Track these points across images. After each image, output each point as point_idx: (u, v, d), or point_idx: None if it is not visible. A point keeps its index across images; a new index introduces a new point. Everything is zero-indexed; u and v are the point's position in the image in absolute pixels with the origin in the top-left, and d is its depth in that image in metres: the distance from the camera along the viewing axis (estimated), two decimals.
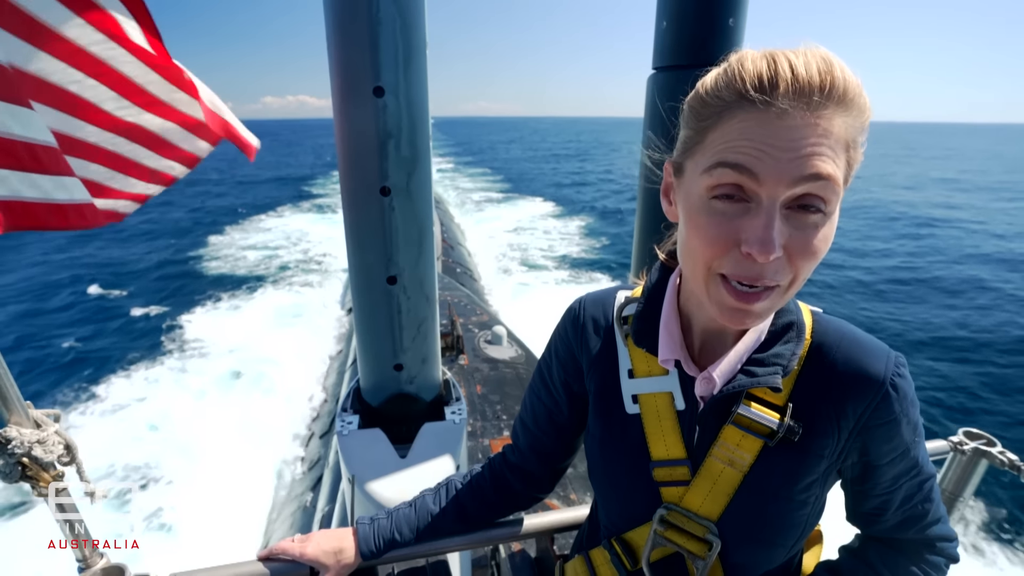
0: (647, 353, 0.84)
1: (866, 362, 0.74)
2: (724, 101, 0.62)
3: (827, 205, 0.61)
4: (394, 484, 1.61)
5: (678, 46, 1.70)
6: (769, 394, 0.77)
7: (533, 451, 1.06)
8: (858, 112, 0.61)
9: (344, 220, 1.63)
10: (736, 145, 0.60)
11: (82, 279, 17.95)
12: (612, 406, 0.88)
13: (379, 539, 1.06)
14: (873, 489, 0.81)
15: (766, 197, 0.60)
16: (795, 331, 0.77)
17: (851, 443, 0.77)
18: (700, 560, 0.80)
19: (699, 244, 0.66)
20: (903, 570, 0.86)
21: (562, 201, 35.33)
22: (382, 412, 1.84)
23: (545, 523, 1.21)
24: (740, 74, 0.61)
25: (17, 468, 0.86)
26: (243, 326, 13.69)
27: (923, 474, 0.80)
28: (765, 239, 0.59)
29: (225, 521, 6.87)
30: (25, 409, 0.88)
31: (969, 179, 50.44)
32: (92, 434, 8.96)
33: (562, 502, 4.14)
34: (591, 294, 0.96)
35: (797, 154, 0.58)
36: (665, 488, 0.83)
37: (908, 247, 22.41)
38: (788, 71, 0.58)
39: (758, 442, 0.76)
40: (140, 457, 8.23)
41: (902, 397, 0.74)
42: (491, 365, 6.70)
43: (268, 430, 8.69)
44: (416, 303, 1.73)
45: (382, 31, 1.41)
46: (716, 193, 0.63)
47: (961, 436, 1.55)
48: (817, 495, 0.79)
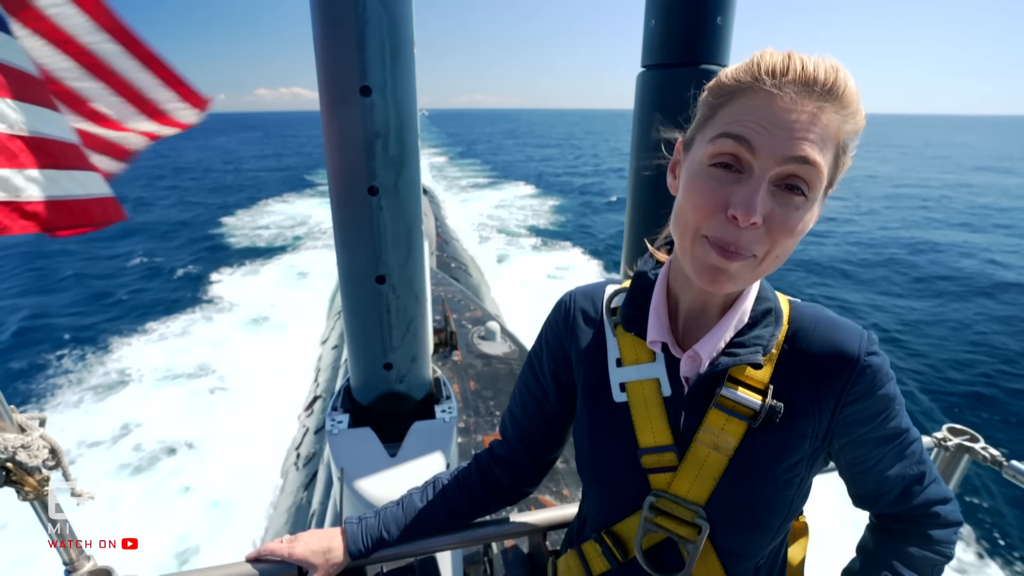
0: (635, 340, 0.88)
1: (840, 342, 0.79)
2: (740, 83, 0.69)
3: (810, 190, 0.68)
4: (384, 483, 1.62)
5: (666, 45, 1.70)
6: (751, 378, 0.80)
7: (521, 442, 1.08)
8: (853, 115, 0.68)
9: (332, 220, 1.63)
10: (742, 119, 0.68)
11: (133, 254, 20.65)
12: (600, 395, 0.91)
13: (367, 538, 1.07)
14: (865, 465, 0.85)
15: (758, 168, 0.67)
16: (773, 316, 0.82)
17: (834, 422, 0.80)
18: (690, 544, 0.83)
19: (691, 207, 0.72)
20: (919, 562, 0.88)
21: (540, 184, 39.58)
22: (372, 411, 1.85)
23: (536, 520, 1.22)
24: (758, 62, 0.68)
25: (1, 473, 0.87)
26: (263, 284, 16.81)
27: (909, 439, 0.84)
28: (749, 203, 0.66)
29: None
30: (9, 414, 0.88)
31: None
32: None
33: (555, 497, 4.16)
34: (581, 287, 0.99)
35: (791, 135, 0.65)
36: (653, 475, 0.85)
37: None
38: (799, 65, 0.66)
39: (742, 425, 0.79)
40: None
41: (877, 371, 0.78)
42: (484, 361, 6.71)
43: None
44: (405, 302, 1.73)
45: (368, 30, 1.41)
46: (715, 161, 0.70)
47: (945, 432, 1.57)
48: (803, 477, 0.82)
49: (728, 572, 0.85)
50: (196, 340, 12.46)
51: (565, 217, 27.62)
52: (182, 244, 22.59)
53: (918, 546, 0.89)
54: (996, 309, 14.35)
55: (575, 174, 46.95)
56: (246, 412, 9.27)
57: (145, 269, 18.91)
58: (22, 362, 11.53)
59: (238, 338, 12.43)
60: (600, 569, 0.95)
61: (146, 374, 10.83)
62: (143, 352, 11.86)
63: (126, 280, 17.60)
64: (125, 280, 17.59)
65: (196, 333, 12.93)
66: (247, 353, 11.48)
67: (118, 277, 17.93)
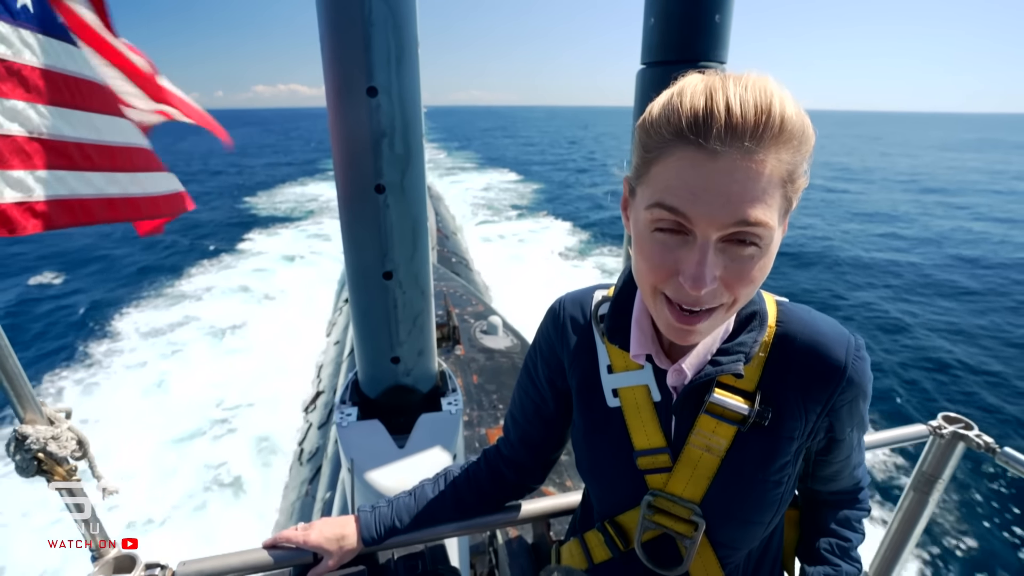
0: (622, 349, 0.88)
1: (828, 349, 0.79)
2: (664, 137, 0.64)
3: (762, 241, 0.64)
4: (393, 473, 1.66)
5: (666, 43, 1.73)
6: (740, 382, 0.82)
7: (523, 444, 1.10)
8: (798, 145, 0.62)
9: (340, 218, 1.66)
10: (672, 187, 0.63)
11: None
12: (594, 401, 0.93)
13: (380, 526, 1.10)
14: (836, 456, 0.90)
15: (700, 236, 0.63)
16: (758, 320, 0.82)
17: (819, 423, 0.83)
18: (688, 539, 0.86)
19: (644, 268, 0.70)
20: (855, 522, 1.02)
21: (524, 172, 45.91)
22: (380, 404, 1.88)
23: (540, 508, 1.25)
24: (678, 110, 0.62)
25: (33, 463, 0.90)
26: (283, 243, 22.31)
27: (863, 428, 0.90)
28: (697, 275, 0.63)
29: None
30: (39, 406, 0.92)
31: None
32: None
33: (557, 488, 4.21)
34: (571, 293, 0.99)
35: (728, 200, 0.60)
36: (649, 475, 0.88)
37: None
38: (723, 111, 0.59)
39: (732, 428, 0.81)
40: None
41: (862, 377, 0.80)
42: (487, 355, 6.74)
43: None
44: (412, 297, 1.76)
45: (374, 32, 1.44)
46: (657, 227, 0.66)
47: (940, 420, 1.60)
48: (790, 474, 0.85)
49: (723, 563, 0.89)
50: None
51: (544, 196, 33.49)
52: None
53: (849, 508, 1.01)
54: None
55: (555, 165, 52.84)
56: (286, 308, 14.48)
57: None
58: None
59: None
60: (601, 557, 0.98)
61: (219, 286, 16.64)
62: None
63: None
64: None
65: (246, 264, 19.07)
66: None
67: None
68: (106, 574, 0.98)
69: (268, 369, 11.02)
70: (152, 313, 14.76)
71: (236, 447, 8.72)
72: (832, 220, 25.64)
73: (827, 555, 0.99)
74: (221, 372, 11.20)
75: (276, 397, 9.77)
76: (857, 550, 1.01)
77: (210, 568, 1.05)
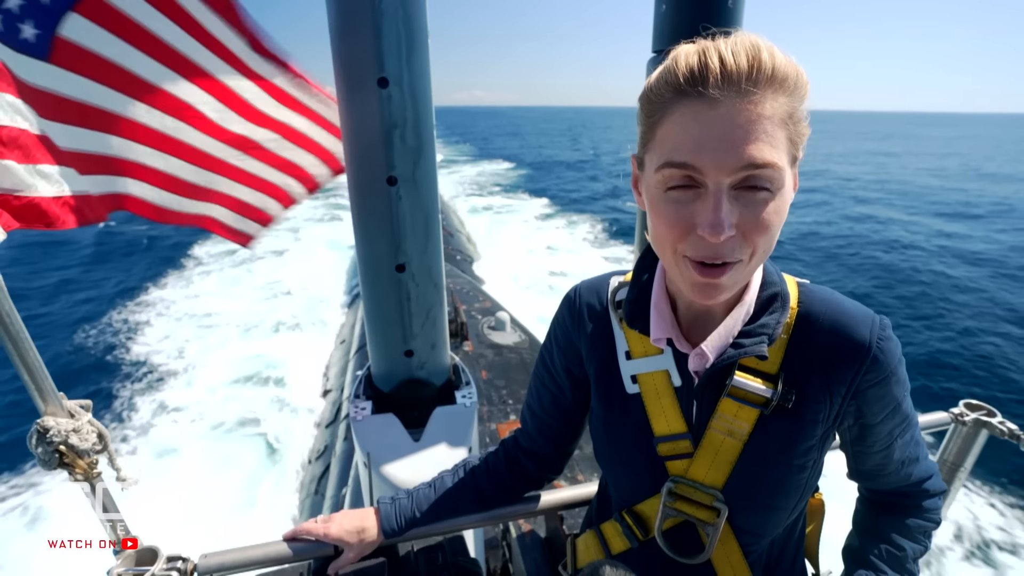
0: (641, 334, 0.87)
1: (852, 328, 0.78)
2: (664, 97, 0.66)
3: (773, 183, 0.65)
4: (409, 466, 1.65)
5: (678, 29, 1.70)
6: (762, 365, 0.81)
7: (541, 434, 1.10)
8: (791, 87, 0.64)
9: (352, 210, 1.65)
10: (678, 143, 0.65)
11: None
12: (613, 387, 0.92)
13: (400, 518, 1.10)
14: (872, 447, 0.86)
15: (712, 184, 0.64)
16: (780, 302, 0.81)
17: (845, 407, 0.81)
18: (710, 526, 0.85)
19: (662, 230, 0.70)
20: (915, 531, 0.94)
21: (516, 164, 50.68)
22: (394, 397, 1.88)
23: (558, 499, 1.24)
24: (675, 70, 0.65)
25: (55, 456, 0.90)
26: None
27: (911, 421, 0.86)
28: (715, 222, 0.64)
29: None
30: (60, 400, 0.92)
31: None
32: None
33: (569, 483, 4.20)
34: (586, 281, 0.98)
35: (732, 144, 0.62)
36: (670, 462, 0.87)
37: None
38: (717, 61, 0.62)
39: (754, 412, 0.80)
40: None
41: (889, 358, 0.78)
42: (495, 351, 6.75)
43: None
44: (424, 290, 1.76)
45: (385, 22, 1.42)
46: (669, 185, 0.68)
47: (962, 407, 1.58)
48: (815, 459, 0.83)
49: (745, 550, 0.87)
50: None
51: (532, 184, 38.06)
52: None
53: (912, 516, 0.94)
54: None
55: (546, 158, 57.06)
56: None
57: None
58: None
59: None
60: (619, 548, 0.97)
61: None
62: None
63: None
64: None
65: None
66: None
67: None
68: (128, 567, 0.98)
69: (279, 361, 11.07)
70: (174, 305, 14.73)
71: (247, 444, 8.75)
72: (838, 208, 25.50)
73: (874, 560, 0.94)
74: (237, 365, 11.23)
75: (285, 395, 9.80)
76: (915, 562, 0.94)
77: (231, 560, 1.05)
